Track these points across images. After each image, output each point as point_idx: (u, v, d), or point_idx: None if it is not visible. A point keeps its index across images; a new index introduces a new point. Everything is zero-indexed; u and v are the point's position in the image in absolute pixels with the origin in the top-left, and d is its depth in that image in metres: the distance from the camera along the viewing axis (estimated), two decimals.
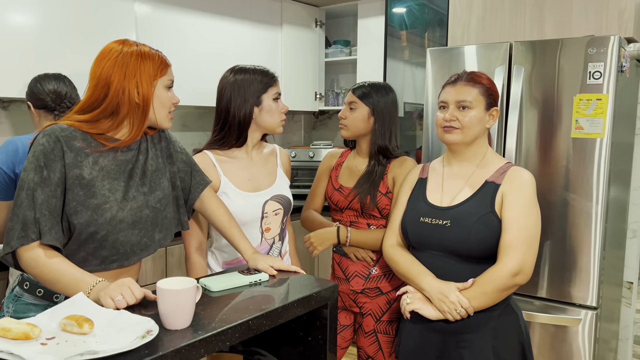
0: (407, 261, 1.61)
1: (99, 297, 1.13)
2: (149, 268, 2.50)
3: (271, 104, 1.74)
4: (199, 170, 1.58)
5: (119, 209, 1.31)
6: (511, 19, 2.54)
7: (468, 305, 1.47)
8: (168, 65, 1.36)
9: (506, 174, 1.56)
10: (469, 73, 1.61)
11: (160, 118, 1.36)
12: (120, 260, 1.36)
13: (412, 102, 3.77)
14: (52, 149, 1.24)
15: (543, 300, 2.23)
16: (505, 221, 1.50)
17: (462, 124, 1.56)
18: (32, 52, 2.26)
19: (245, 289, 1.33)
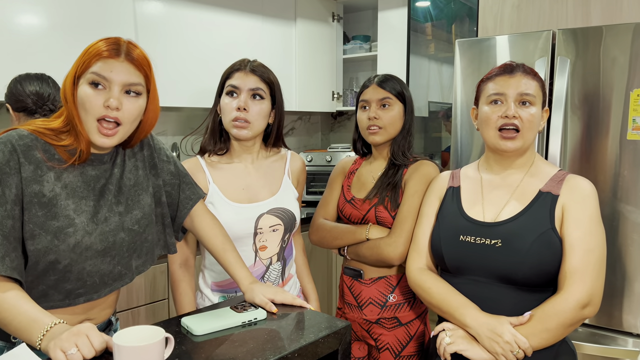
0: (443, 290, 1.33)
1: (48, 349, 0.90)
2: (148, 285, 2.29)
3: (222, 101, 1.51)
4: (190, 183, 1.35)
5: (85, 234, 1.09)
6: (552, 6, 2.25)
7: (527, 345, 1.19)
8: (101, 57, 1.05)
9: (564, 183, 1.29)
10: (522, 64, 1.34)
11: (88, 128, 1.08)
12: (88, 294, 1.14)
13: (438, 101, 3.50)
14: (6, 160, 1.03)
15: (590, 327, 1.94)
16: (568, 241, 1.23)
17: (523, 124, 1.28)
18: (25, 54, 2.08)
19: (236, 330, 1.09)
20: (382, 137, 1.62)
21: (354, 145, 1.77)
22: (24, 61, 2.06)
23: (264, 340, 1.04)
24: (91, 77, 1.06)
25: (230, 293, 1.55)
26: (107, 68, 1.06)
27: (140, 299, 2.27)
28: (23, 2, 2.07)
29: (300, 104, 3.32)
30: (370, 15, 3.67)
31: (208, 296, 1.57)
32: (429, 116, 3.56)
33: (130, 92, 1.09)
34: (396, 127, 1.63)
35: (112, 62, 1.06)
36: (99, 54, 1.06)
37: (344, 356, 1.10)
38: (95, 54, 1.06)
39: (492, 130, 1.32)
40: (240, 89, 1.47)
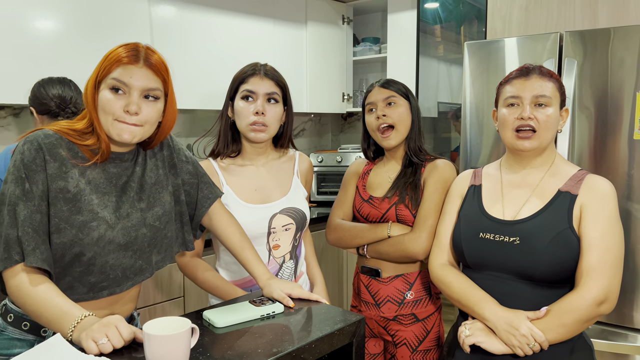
0: (463, 285, 1.38)
1: (80, 339, 0.96)
2: (165, 282, 2.35)
3: (237, 105, 1.54)
4: (208, 182, 1.40)
5: (108, 228, 1.14)
6: (559, 8, 2.28)
7: (543, 339, 1.23)
8: (121, 62, 1.11)
9: (583, 183, 1.32)
10: (539, 66, 1.38)
11: (105, 128, 1.14)
12: (111, 287, 1.19)
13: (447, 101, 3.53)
14: (33, 158, 1.09)
15: (601, 324, 1.97)
16: (586, 240, 1.27)
17: (539, 125, 1.32)
18: (43, 57, 2.14)
19: (255, 323, 1.14)
20: (395, 139, 1.66)
21: (364, 151, 1.81)
22: (42, 65, 2.12)
23: (282, 332, 1.09)
24: (112, 82, 1.11)
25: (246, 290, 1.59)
26: (127, 74, 1.11)
27: (157, 296, 2.33)
28: (40, 7, 2.14)
29: (310, 106, 3.36)
30: (380, 17, 3.71)
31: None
32: (439, 116, 3.59)
33: (148, 97, 1.15)
34: (406, 124, 1.67)
35: (131, 68, 1.11)
36: (119, 60, 1.11)
37: (359, 348, 1.15)
38: (116, 60, 1.11)
39: (509, 132, 1.36)
40: (257, 93, 1.51)
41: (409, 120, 1.68)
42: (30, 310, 1.06)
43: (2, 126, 2.37)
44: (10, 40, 2.05)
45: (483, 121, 2.26)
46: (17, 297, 1.07)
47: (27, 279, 1.06)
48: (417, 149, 1.69)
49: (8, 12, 2.04)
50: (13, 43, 2.06)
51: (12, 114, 2.40)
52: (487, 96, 2.24)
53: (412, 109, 1.69)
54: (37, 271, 1.08)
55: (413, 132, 1.69)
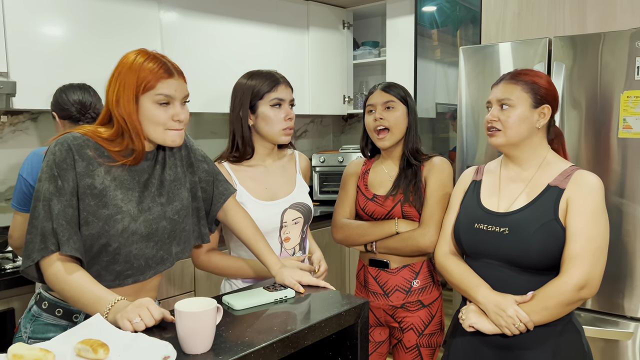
0: (461, 271, 1.51)
1: (116, 319, 1.08)
2: (177, 278, 2.47)
3: (267, 112, 1.63)
4: (222, 180, 1.52)
5: (131, 220, 1.26)
6: (549, 14, 2.40)
7: (528, 320, 1.35)
8: (161, 78, 1.23)
9: (571, 178, 1.43)
10: (517, 71, 1.49)
11: (155, 137, 1.27)
12: (135, 275, 1.30)
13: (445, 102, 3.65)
14: (64, 157, 1.21)
15: (591, 312, 2.09)
16: (570, 230, 1.37)
17: (502, 124, 1.45)
18: (58, 63, 2.26)
19: (270, 306, 1.26)
20: (390, 140, 1.79)
21: (362, 149, 1.93)
22: (57, 71, 2.24)
23: (294, 313, 1.21)
24: (159, 98, 1.23)
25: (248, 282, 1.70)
26: (171, 88, 1.24)
27: (170, 290, 2.45)
28: (54, 15, 2.26)
29: (312, 108, 3.49)
30: (379, 22, 3.83)
31: (236, 284, 1.74)
32: (437, 117, 3.71)
33: (185, 102, 1.29)
34: (401, 128, 1.79)
35: (171, 82, 1.25)
36: (158, 76, 1.23)
37: (363, 328, 1.27)
38: (156, 76, 1.23)
39: (486, 131, 1.51)
40: (285, 100, 1.64)
41: (404, 124, 1.80)
42: (67, 295, 1.17)
43: (21, 130, 2.49)
44: (27, 47, 2.17)
45: (478, 122, 2.38)
46: (55, 284, 1.18)
47: (63, 267, 1.18)
48: (415, 151, 1.81)
49: (23, 20, 2.16)
50: (29, 51, 2.18)
51: (30, 119, 2.52)
52: (482, 98, 2.36)
53: (409, 113, 1.80)
54: (71, 260, 1.20)
55: (410, 135, 1.80)
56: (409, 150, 1.80)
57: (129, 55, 1.26)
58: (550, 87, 1.48)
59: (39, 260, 1.19)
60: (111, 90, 1.24)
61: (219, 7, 2.89)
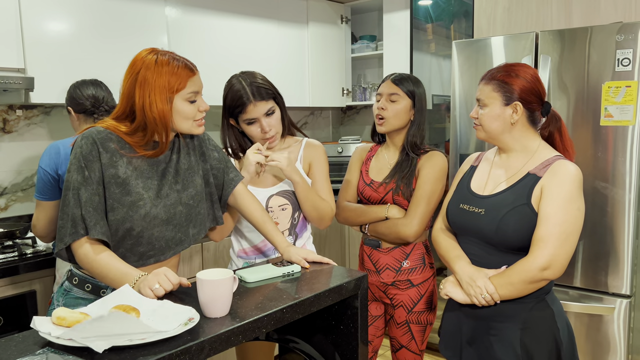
0: (447, 245, 1.66)
1: (140, 289, 1.21)
2: (186, 263, 2.60)
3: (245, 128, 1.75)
4: (232, 167, 1.64)
5: (152, 206, 1.38)
6: (538, 9, 2.52)
7: (494, 291, 1.48)
8: (189, 77, 1.37)
9: (550, 167, 1.51)
10: (498, 67, 1.59)
11: (185, 129, 1.41)
12: (156, 255, 1.43)
13: (440, 94, 3.77)
14: (89, 150, 1.33)
15: (578, 289, 2.23)
16: (540, 214, 1.47)
17: (480, 121, 1.59)
18: (69, 59, 2.38)
19: (278, 279, 1.39)
20: (385, 127, 1.92)
21: (372, 133, 2.05)
22: (68, 66, 2.36)
23: (301, 284, 1.34)
24: (190, 96, 1.38)
25: (251, 259, 1.84)
26: (197, 85, 1.40)
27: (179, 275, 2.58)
28: (64, 13, 2.37)
29: (312, 100, 3.61)
30: (376, 16, 3.94)
31: (235, 262, 1.88)
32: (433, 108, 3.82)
33: None
34: (400, 120, 1.90)
35: (195, 79, 1.40)
36: (187, 75, 1.37)
37: (363, 299, 1.40)
38: (185, 76, 1.37)
39: None
40: (257, 117, 1.71)
41: (405, 117, 1.90)
42: (96, 272, 1.31)
43: (36, 124, 2.61)
44: (42, 45, 2.29)
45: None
46: (85, 264, 1.32)
47: (92, 248, 1.31)
48: (414, 143, 1.91)
49: (37, 18, 2.28)
50: (44, 48, 2.29)
51: (43, 112, 2.64)
52: (474, 90, 2.48)
53: (415, 107, 1.90)
54: (98, 242, 1.33)
55: (412, 128, 1.91)
56: (408, 142, 1.91)
57: (145, 56, 1.36)
58: (529, 84, 1.53)
59: (70, 243, 1.32)
60: (138, 93, 1.34)
61: (221, 4, 3.01)
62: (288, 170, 1.72)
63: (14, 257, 2.10)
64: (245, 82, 1.71)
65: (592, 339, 2.19)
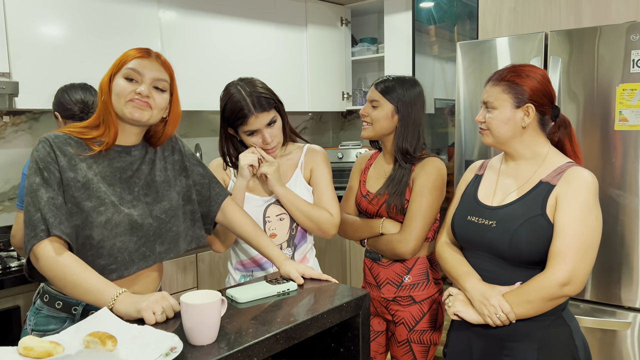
0: (454, 260, 1.54)
1: (139, 310, 1.09)
2: (179, 275, 2.49)
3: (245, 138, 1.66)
4: (218, 183, 1.55)
5: (115, 213, 1.27)
6: (546, 8, 2.42)
7: (509, 310, 1.38)
8: (136, 56, 1.29)
9: (564, 174, 1.41)
10: (506, 68, 1.49)
11: (119, 110, 1.29)
12: (119, 270, 1.30)
13: (443, 97, 3.67)
14: (47, 152, 1.25)
15: (589, 303, 2.12)
16: (557, 226, 1.37)
17: (487, 126, 1.49)
18: (59, 63, 2.28)
19: (273, 299, 1.28)
20: (368, 133, 1.82)
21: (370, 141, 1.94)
22: (58, 71, 2.26)
23: (297, 305, 1.23)
24: (126, 72, 1.28)
25: (249, 271, 1.74)
26: (141, 65, 1.29)
27: (172, 287, 2.47)
28: (54, 15, 2.28)
29: (312, 105, 3.51)
30: (377, 18, 3.85)
31: (232, 275, 1.77)
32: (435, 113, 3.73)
33: (157, 88, 1.31)
34: (382, 126, 1.78)
35: (145, 61, 1.30)
36: (134, 54, 1.29)
37: (365, 319, 1.30)
38: (130, 54, 1.29)
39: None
40: (259, 129, 1.61)
41: (386, 123, 1.77)
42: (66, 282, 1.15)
43: (24, 130, 2.52)
44: (28, 48, 2.19)
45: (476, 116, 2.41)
46: (49, 271, 1.16)
47: (56, 252, 1.17)
48: (405, 151, 1.76)
49: (24, 20, 2.18)
50: (31, 51, 2.20)
51: (32, 119, 2.55)
52: (479, 93, 2.38)
53: (399, 114, 1.76)
54: (64, 246, 1.19)
55: (399, 135, 1.77)
56: (396, 150, 1.78)
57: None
58: (540, 85, 1.44)
59: (32, 249, 1.17)
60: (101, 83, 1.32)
61: (217, 6, 2.91)
62: (272, 182, 1.63)
63: None
64: (245, 92, 1.59)
65: (606, 356, 2.08)
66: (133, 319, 1.09)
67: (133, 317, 1.09)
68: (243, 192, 1.65)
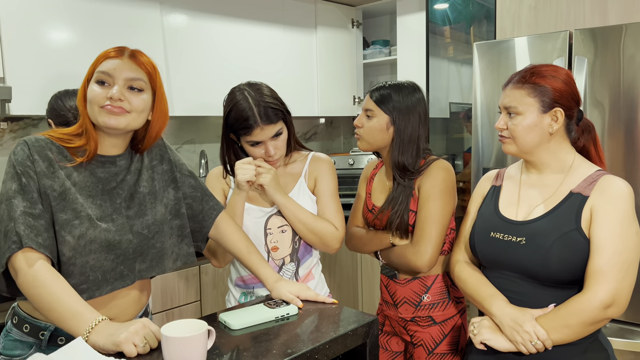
0: (476, 281, 1.40)
1: (117, 343, 0.97)
2: (182, 288, 2.38)
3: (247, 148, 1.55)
4: (211, 195, 1.43)
5: (89, 227, 1.15)
6: (569, 6, 2.28)
7: (546, 337, 1.23)
8: (107, 57, 1.19)
9: (596, 184, 1.29)
10: (527, 69, 1.36)
11: (93, 117, 1.18)
12: (90, 290, 1.17)
13: (459, 102, 3.53)
14: (26, 156, 1.14)
15: (619, 323, 1.96)
16: (595, 242, 1.24)
17: (511, 133, 1.34)
18: (56, 68, 2.19)
19: (270, 325, 1.16)
20: (362, 144, 1.67)
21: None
22: (58, 76, 2.17)
23: (296, 333, 1.11)
24: (97, 75, 1.17)
25: (249, 288, 1.62)
26: (111, 66, 1.17)
27: (174, 301, 2.36)
28: (55, 20, 2.19)
29: (322, 109, 3.39)
30: (389, 20, 3.72)
31: (232, 293, 1.66)
32: (450, 117, 3.59)
33: (133, 88, 1.19)
34: (375, 138, 1.63)
35: (115, 61, 1.18)
36: (106, 55, 1.19)
37: (372, 348, 1.17)
38: (103, 55, 1.19)
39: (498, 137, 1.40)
40: (263, 141, 1.51)
41: (380, 135, 1.62)
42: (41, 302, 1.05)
43: (22, 137, 2.43)
44: (23, 51, 2.10)
45: (494, 121, 2.27)
46: (24, 289, 1.06)
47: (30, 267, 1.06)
48: (402, 166, 1.61)
49: (24, 25, 2.10)
50: (29, 56, 2.11)
51: (31, 125, 2.46)
52: (497, 96, 2.24)
53: (394, 125, 1.61)
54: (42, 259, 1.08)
55: (395, 149, 1.61)
56: (393, 165, 1.63)
57: None
58: (566, 86, 1.32)
59: (8, 263, 1.07)
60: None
61: (223, 8, 2.81)
62: (270, 191, 1.52)
63: None
64: (252, 100, 1.48)
65: None
66: (111, 353, 0.97)
67: (111, 351, 0.97)
68: (242, 206, 1.53)
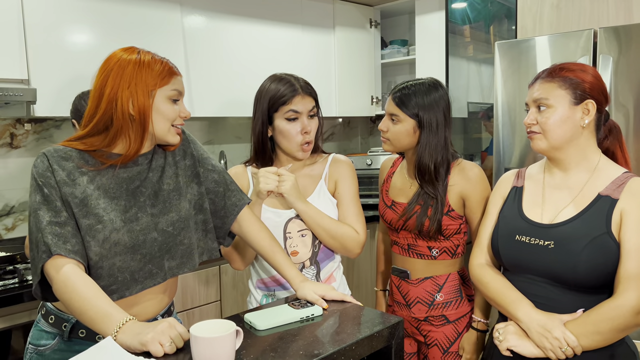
0: (499, 285, 1.37)
1: (144, 343, 0.98)
2: (201, 289, 2.40)
3: (283, 126, 1.51)
4: (235, 190, 1.41)
5: (113, 230, 1.17)
6: (592, 4, 2.24)
7: (576, 344, 1.21)
8: (173, 75, 1.22)
9: (625, 186, 1.26)
10: (554, 66, 1.35)
11: (161, 132, 1.22)
12: (120, 290, 1.19)
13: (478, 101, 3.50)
14: (45, 167, 1.16)
15: None
16: (626, 246, 1.22)
17: (542, 127, 1.31)
18: (79, 69, 2.22)
19: (295, 325, 1.16)
20: (388, 147, 1.66)
21: None
22: (80, 78, 2.18)
23: (322, 334, 1.11)
24: (172, 93, 1.21)
25: (270, 291, 1.62)
26: (180, 85, 1.24)
27: (195, 301, 2.38)
28: (77, 22, 2.22)
29: (340, 110, 3.39)
30: (407, 19, 3.71)
31: (253, 294, 1.66)
32: (469, 117, 3.57)
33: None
34: (402, 142, 1.62)
35: (179, 79, 1.25)
36: (173, 73, 1.22)
37: (398, 350, 1.16)
38: (170, 72, 1.21)
39: (526, 134, 1.38)
40: (301, 112, 1.51)
41: (407, 139, 1.61)
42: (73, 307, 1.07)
43: (45, 138, 2.47)
44: (47, 54, 2.13)
45: (515, 121, 2.24)
46: (58, 295, 1.09)
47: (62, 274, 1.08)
48: (425, 170, 1.58)
49: (43, 26, 2.13)
50: (50, 57, 2.14)
51: (54, 126, 2.50)
52: (518, 96, 2.22)
53: (421, 127, 1.59)
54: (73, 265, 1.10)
55: (420, 151, 1.59)
56: (417, 166, 1.61)
57: (121, 53, 1.21)
58: (596, 80, 1.31)
59: (42, 271, 1.11)
60: (111, 87, 1.17)
61: (241, 9, 2.82)
62: (291, 199, 1.51)
63: (14, 284, 1.93)
64: (291, 76, 1.55)
65: None
66: (139, 352, 0.98)
67: (138, 350, 0.98)
68: (259, 212, 1.53)
